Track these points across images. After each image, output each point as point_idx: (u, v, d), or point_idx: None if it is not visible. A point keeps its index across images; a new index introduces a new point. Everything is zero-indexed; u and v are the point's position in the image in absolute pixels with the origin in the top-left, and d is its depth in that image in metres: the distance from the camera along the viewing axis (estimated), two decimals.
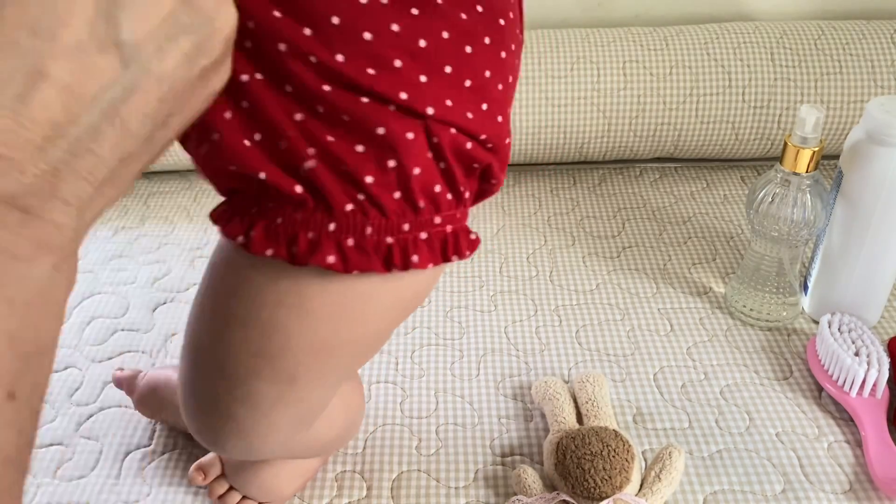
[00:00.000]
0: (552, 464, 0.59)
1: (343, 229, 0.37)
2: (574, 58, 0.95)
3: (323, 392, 0.47)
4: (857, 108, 0.93)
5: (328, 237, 0.36)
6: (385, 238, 0.37)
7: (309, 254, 0.36)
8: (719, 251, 0.86)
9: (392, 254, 0.38)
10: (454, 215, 0.40)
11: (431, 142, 0.37)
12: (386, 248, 0.38)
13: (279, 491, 0.59)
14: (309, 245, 0.37)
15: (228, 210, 0.39)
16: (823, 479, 0.61)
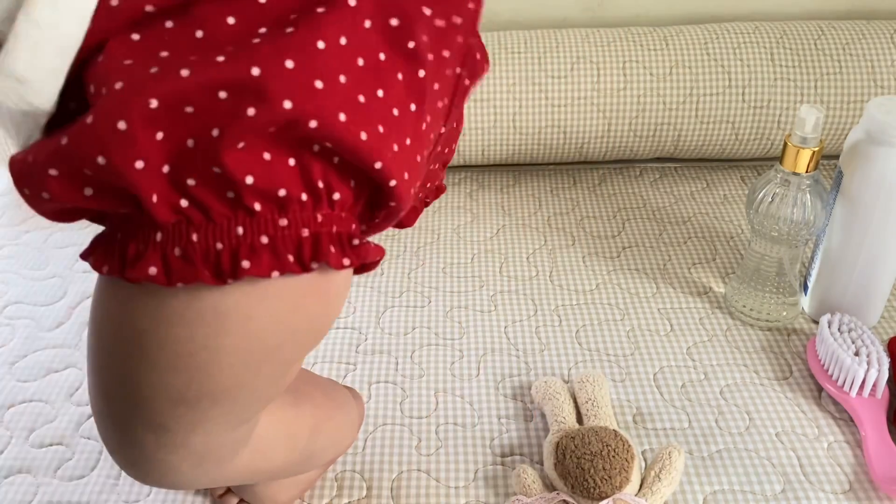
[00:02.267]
0: (552, 464, 0.59)
1: (169, 239, 0.34)
2: (574, 58, 0.95)
3: (211, 438, 0.42)
4: (857, 108, 0.93)
5: (154, 248, 0.34)
6: (214, 244, 0.34)
7: (133, 264, 0.34)
8: (719, 251, 0.86)
9: (220, 261, 0.34)
10: (313, 217, 0.36)
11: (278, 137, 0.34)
12: (215, 255, 0.34)
13: (273, 497, 0.59)
14: (136, 255, 0.34)
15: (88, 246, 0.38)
16: (823, 479, 0.61)
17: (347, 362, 0.73)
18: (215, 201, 0.34)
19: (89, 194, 0.33)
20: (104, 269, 0.35)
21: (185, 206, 0.34)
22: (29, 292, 0.83)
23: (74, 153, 0.32)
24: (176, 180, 0.33)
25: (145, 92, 0.32)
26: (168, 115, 0.32)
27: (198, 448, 0.42)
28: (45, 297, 0.83)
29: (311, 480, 0.61)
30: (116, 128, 0.32)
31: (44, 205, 0.35)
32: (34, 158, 0.34)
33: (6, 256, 0.89)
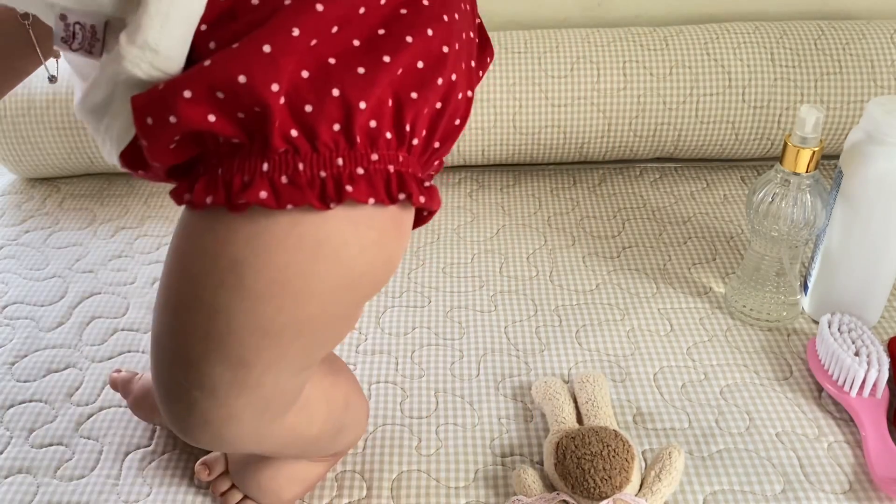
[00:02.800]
0: (552, 464, 0.59)
1: (276, 168, 0.38)
2: (574, 58, 0.95)
3: (280, 379, 0.46)
4: (857, 108, 0.93)
5: (262, 177, 0.37)
6: (318, 172, 0.38)
7: (241, 192, 0.37)
8: (719, 251, 0.86)
9: (326, 187, 0.38)
10: (396, 157, 0.40)
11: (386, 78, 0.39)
12: (320, 183, 0.38)
13: (277, 494, 0.59)
14: (243, 184, 0.37)
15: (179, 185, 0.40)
16: (823, 479, 0.61)
17: (347, 362, 0.73)
18: (325, 130, 0.37)
19: (212, 120, 0.37)
20: (208, 199, 0.38)
21: (294, 136, 0.37)
22: (29, 292, 0.83)
23: (216, 73, 0.36)
24: (294, 107, 0.37)
25: (288, 24, 0.36)
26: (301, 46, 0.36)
27: (266, 391, 0.45)
28: (45, 297, 0.83)
29: (316, 479, 0.61)
30: (262, 50, 0.36)
31: (164, 132, 0.37)
32: (165, 86, 0.37)
33: (6, 256, 0.89)
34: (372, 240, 0.42)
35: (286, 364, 0.45)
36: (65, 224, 0.95)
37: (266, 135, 0.37)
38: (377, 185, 0.39)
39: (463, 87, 0.43)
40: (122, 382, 0.68)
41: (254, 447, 0.51)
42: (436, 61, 0.41)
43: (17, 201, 1.00)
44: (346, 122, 0.38)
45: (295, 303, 0.41)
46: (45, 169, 1.01)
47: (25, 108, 0.96)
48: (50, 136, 0.97)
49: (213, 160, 0.39)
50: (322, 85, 0.37)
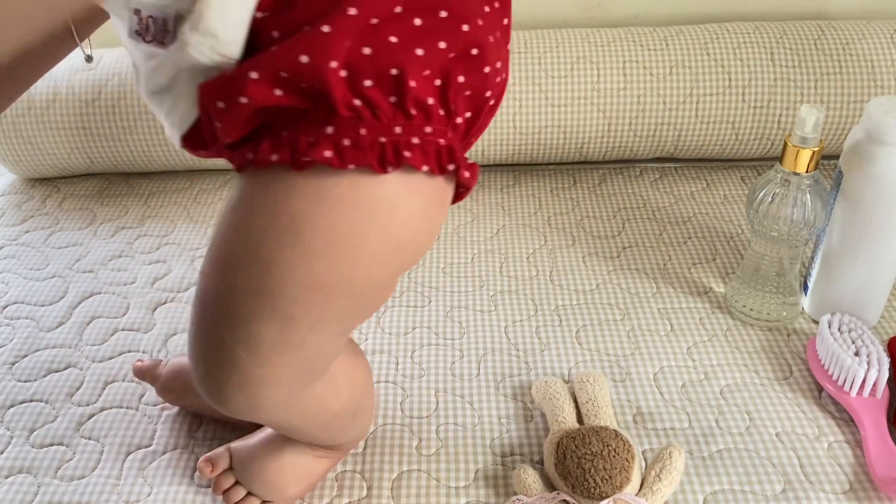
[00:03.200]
0: (552, 464, 0.59)
1: (340, 131, 0.40)
2: (574, 58, 0.95)
3: (322, 341, 0.48)
4: (857, 108, 0.93)
5: (326, 139, 0.40)
6: (378, 138, 0.41)
7: (307, 150, 0.40)
8: (719, 251, 0.86)
9: (385, 151, 0.41)
10: (445, 132, 0.43)
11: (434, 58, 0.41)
12: (380, 147, 0.41)
13: (283, 489, 0.59)
14: (308, 144, 0.40)
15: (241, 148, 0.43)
16: (823, 479, 0.61)
17: None
18: (384, 102, 0.40)
19: (279, 94, 0.40)
20: (274, 157, 0.41)
21: (358, 104, 0.40)
22: (29, 292, 0.83)
23: (281, 55, 0.39)
24: (354, 81, 0.40)
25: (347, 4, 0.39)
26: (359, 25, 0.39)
27: (308, 353, 0.47)
28: (45, 297, 0.83)
29: (320, 475, 0.61)
30: (322, 31, 0.38)
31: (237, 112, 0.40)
32: (234, 72, 0.40)
33: (6, 256, 0.89)
34: (420, 206, 0.44)
35: (329, 324, 0.47)
36: (65, 224, 0.95)
37: (330, 103, 0.40)
38: (430, 154, 0.42)
39: (502, 72, 0.46)
40: (148, 369, 0.69)
41: (281, 414, 0.52)
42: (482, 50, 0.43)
43: (17, 201, 1.00)
44: (400, 97, 0.41)
45: (347, 261, 0.43)
46: (45, 169, 1.01)
47: (25, 108, 0.96)
48: (50, 136, 0.97)
49: (276, 126, 0.41)
50: (383, 62, 0.40)
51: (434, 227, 0.47)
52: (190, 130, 0.44)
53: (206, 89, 0.41)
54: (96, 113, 0.96)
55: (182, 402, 0.67)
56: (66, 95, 0.96)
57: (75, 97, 0.96)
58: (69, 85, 0.96)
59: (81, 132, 0.97)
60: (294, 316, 0.44)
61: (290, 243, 0.42)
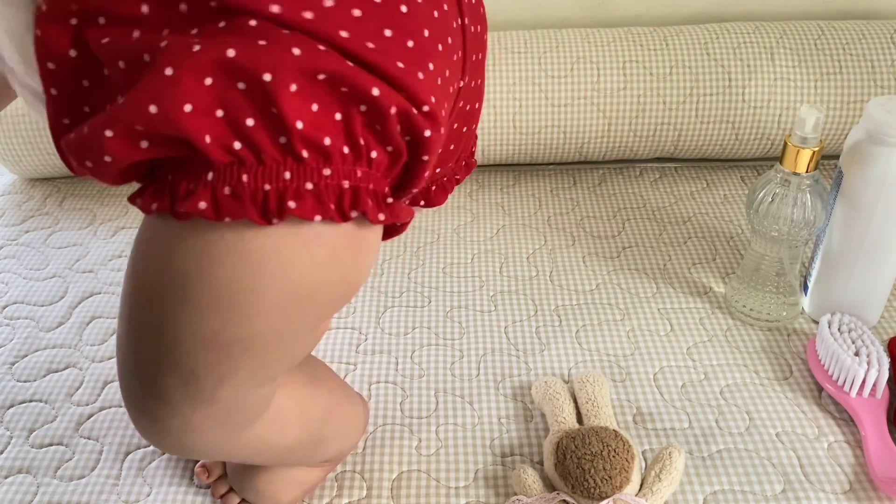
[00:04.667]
0: (552, 464, 0.59)
1: (220, 178, 0.36)
2: (574, 58, 0.95)
3: (238, 393, 0.44)
4: (857, 108, 0.93)
5: (205, 186, 0.36)
6: (263, 185, 0.36)
7: (184, 200, 0.36)
8: (719, 251, 0.86)
9: (268, 201, 0.36)
10: (353, 172, 0.38)
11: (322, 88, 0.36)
12: (263, 196, 0.36)
13: (275, 497, 0.59)
14: (186, 193, 0.36)
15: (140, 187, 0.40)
16: (823, 479, 0.61)
17: (347, 362, 0.73)
18: (269, 144, 0.36)
19: (145, 146, 0.36)
20: (153, 206, 0.37)
21: (238, 147, 0.36)
22: (29, 292, 0.83)
23: (128, 108, 0.34)
24: (233, 122, 0.35)
25: (189, 41, 0.34)
26: (213, 60, 0.34)
27: (223, 404, 0.43)
28: (45, 297, 0.83)
29: (314, 482, 0.61)
30: (164, 74, 0.34)
31: (108, 169, 0.37)
32: (89, 128, 0.36)
33: (6, 256, 0.89)
34: (324, 257, 0.40)
35: (241, 378, 0.43)
36: (65, 224, 0.95)
37: (202, 151, 0.35)
38: (326, 201, 0.37)
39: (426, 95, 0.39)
40: None
41: (222, 456, 0.50)
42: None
43: (17, 201, 1.00)
44: (288, 138, 0.36)
45: (241, 318, 0.40)
46: (45, 169, 1.01)
47: (25, 108, 0.96)
48: (50, 136, 0.97)
49: (166, 166, 0.38)
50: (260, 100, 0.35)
51: (352, 273, 0.43)
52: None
53: (69, 147, 0.37)
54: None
55: None
56: None
57: None
58: None
59: None
60: (196, 372, 0.41)
61: (179, 300, 0.39)
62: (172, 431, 0.44)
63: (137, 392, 0.43)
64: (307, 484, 0.60)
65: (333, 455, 0.60)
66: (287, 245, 0.38)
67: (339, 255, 0.41)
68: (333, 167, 0.37)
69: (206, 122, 0.35)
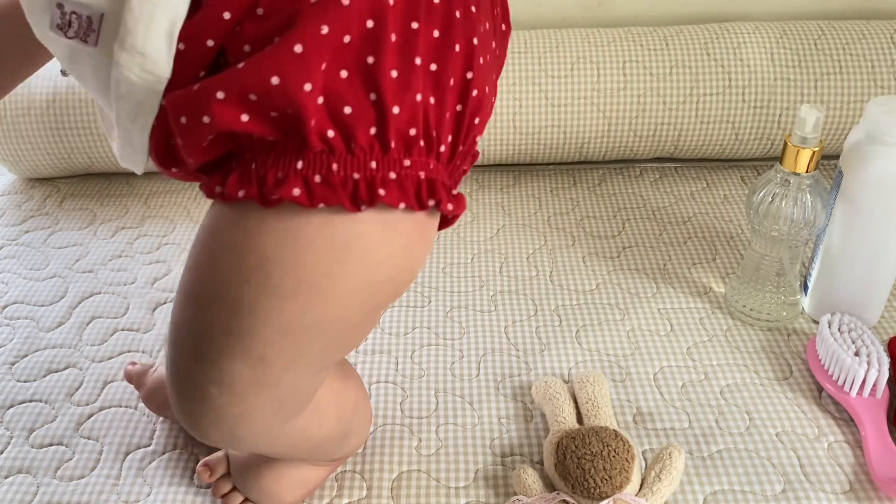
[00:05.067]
0: (552, 464, 0.59)
1: (310, 167, 0.38)
2: (574, 58, 0.95)
3: (298, 379, 0.46)
4: (857, 108, 0.93)
5: (296, 174, 0.38)
6: (352, 174, 0.38)
7: (275, 188, 0.37)
8: (719, 251, 0.86)
9: (358, 189, 0.38)
10: (427, 164, 0.40)
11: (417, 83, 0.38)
12: (353, 184, 0.38)
13: (279, 497, 0.59)
14: (276, 181, 0.38)
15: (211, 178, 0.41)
16: (823, 479, 0.61)
17: None
18: (362, 133, 0.37)
19: (245, 120, 0.37)
20: (240, 193, 0.38)
21: (331, 136, 0.37)
22: (29, 292, 0.83)
23: (249, 75, 0.36)
24: (332, 109, 0.37)
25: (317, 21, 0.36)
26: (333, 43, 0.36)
27: (284, 390, 0.45)
28: (45, 297, 0.83)
29: (318, 482, 0.61)
30: (293, 50, 0.36)
31: (197, 132, 0.38)
32: (200, 87, 0.37)
33: (6, 256, 0.89)
34: (399, 245, 0.42)
35: (305, 364, 0.45)
36: (65, 224, 0.95)
37: (302, 134, 0.37)
38: (408, 190, 0.40)
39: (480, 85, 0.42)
40: (137, 375, 0.68)
41: (264, 447, 0.51)
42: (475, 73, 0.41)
43: (17, 201, 1.00)
44: (381, 127, 0.38)
45: (320, 303, 0.41)
46: (45, 169, 1.01)
47: (25, 108, 0.96)
48: (50, 136, 0.97)
49: (247, 155, 0.39)
50: (360, 86, 0.37)
51: (416, 262, 0.44)
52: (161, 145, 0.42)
53: (171, 101, 0.39)
54: (96, 113, 0.96)
55: (163, 413, 0.66)
56: (66, 95, 0.96)
57: (75, 97, 0.96)
58: (69, 85, 0.96)
59: (81, 132, 0.97)
60: (266, 357, 0.42)
61: (260, 284, 0.40)
62: (228, 419, 0.45)
63: (198, 379, 0.44)
64: (311, 483, 0.60)
65: (350, 451, 0.61)
66: (370, 232, 0.40)
67: (411, 243, 0.43)
68: (412, 159, 0.39)
69: (314, 106, 0.36)
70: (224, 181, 0.39)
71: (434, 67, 0.40)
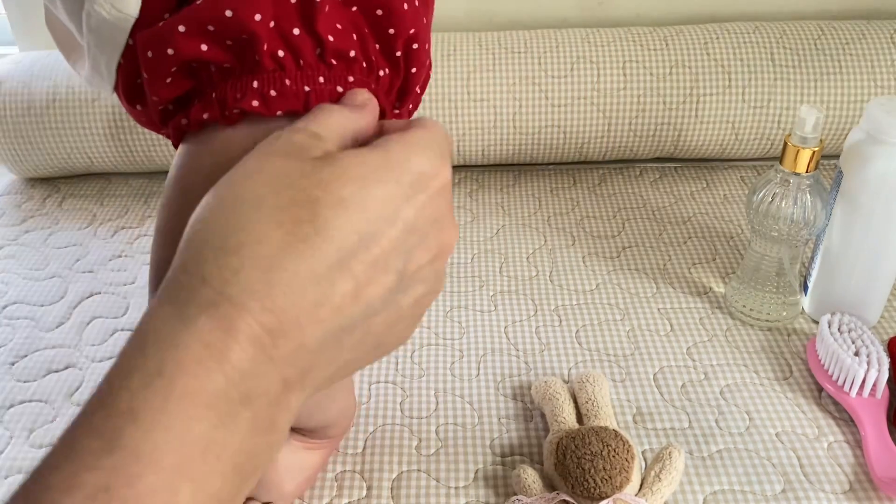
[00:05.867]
0: (552, 464, 0.59)
1: (265, 84, 0.42)
2: (574, 58, 0.95)
3: None
4: (857, 108, 0.93)
5: (253, 91, 0.42)
6: (303, 87, 0.43)
7: (235, 103, 0.42)
8: (719, 251, 0.86)
9: (309, 99, 0.42)
10: (368, 83, 0.45)
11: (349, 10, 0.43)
12: (305, 95, 0.42)
13: (279, 486, 0.59)
14: (235, 100, 0.42)
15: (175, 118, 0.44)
16: (823, 479, 0.61)
17: None
18: (308, 52, 0.42)
19: (205, 49, 0.41)
20: (204, 115, 0.42)
21: (281, 55, 0.42)
22: (29, 292, 0.83)
23: (205, 10, 0.40)
24: (282, 31, 0.41)
25: None
26: None
27: None
28: (45, 297, 0.83)
29: (315, 467, 0.61)
30: None
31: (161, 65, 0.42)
32: (164, 24, 0.41)
33: (6, 256, 0.89)
34: None
35: None
36: (65, 224, 0.95)
37: (256, 57, 0.41)
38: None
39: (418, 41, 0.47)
40: None
41: None
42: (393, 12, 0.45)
43: (17, 201, 1.00)
44: (323, 48, 0.43)
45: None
46: (45, 169, 1.01)
47: (25, 108, 0.96)
48: (50, 136, 0.97)
49: (206, 88, 0.43)
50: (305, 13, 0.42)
51: None
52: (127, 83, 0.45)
53: (140, 39, 0.42)
54: (96, 113, 0.96)
55: None
56: (66, 95, 0.96)
57: (75, 97, 0.96)
58: (69, 85, 0.96)
59: (82, 132, 0.97)
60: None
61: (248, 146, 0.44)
62: None
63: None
64: (308, 469, 0.60)
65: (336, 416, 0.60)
66: None
67: None
68: (356, 77, 0.44)
69: (266, 31, 0.41)
70: (186, 113, 0.43)
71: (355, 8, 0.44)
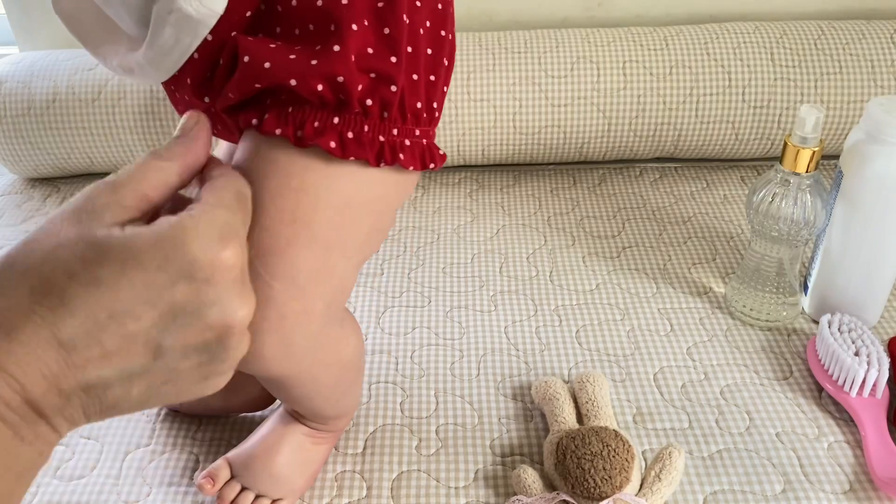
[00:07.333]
0: (552, 464, 0.59)
1: (345, 124, 0.45)
2: (574, 58, 0.95)
3: (349, 268, 0.50)
4: (857, 108, 0.93)
5: (332, 128, 0.44)
6: (378, 137, 0.45)
7: (313, 137, 0.44)
8: (719, 251, 0.86)
9: (383, 151, 0.46)
10: (428, 131, 0.49)
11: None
12: (378, 145, 0.45)
13: (291, 480, 0.59)
14: (315, 131, 0.44)
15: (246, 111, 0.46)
16: (823, 479, 0.61)
17: None
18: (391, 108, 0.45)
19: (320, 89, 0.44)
20: (277, 131, 0.44)
21: (369, 104, 0.45)
22: None
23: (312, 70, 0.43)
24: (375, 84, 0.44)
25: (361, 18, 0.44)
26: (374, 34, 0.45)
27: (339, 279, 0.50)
28: None
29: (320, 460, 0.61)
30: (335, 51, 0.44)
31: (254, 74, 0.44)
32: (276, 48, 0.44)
33: None
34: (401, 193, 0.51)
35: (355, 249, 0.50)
36: None
37: (345, 98, 0.44)
38: (416, 155, 0.47)
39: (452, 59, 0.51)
40: None
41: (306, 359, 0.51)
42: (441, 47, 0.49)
43: (17, 201, 1.00)
44: (401, 102, 0.46)
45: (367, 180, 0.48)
46: (45, 169, 1.01)
47: (25, 108, 0.96)
48: (50, 136, 0.97)
49: (281, 97, 0.45)
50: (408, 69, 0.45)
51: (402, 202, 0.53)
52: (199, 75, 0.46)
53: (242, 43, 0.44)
54: (96, 113, 0.96)
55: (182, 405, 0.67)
56: (66, 95, 0.96)
57: (75, 97, 0.96)
58: (69, 85, 0.96)
59: (81, 132, 0.97)
60: (329, 241, 0.47)
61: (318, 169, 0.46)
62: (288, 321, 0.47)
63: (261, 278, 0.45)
64: (316, 463, 0.61)
65: (348, 406, 0.61)
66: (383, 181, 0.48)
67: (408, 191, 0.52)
68: (420, 128, 0.48)
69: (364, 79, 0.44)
70: (260, 117, 0.45)
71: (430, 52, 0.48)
